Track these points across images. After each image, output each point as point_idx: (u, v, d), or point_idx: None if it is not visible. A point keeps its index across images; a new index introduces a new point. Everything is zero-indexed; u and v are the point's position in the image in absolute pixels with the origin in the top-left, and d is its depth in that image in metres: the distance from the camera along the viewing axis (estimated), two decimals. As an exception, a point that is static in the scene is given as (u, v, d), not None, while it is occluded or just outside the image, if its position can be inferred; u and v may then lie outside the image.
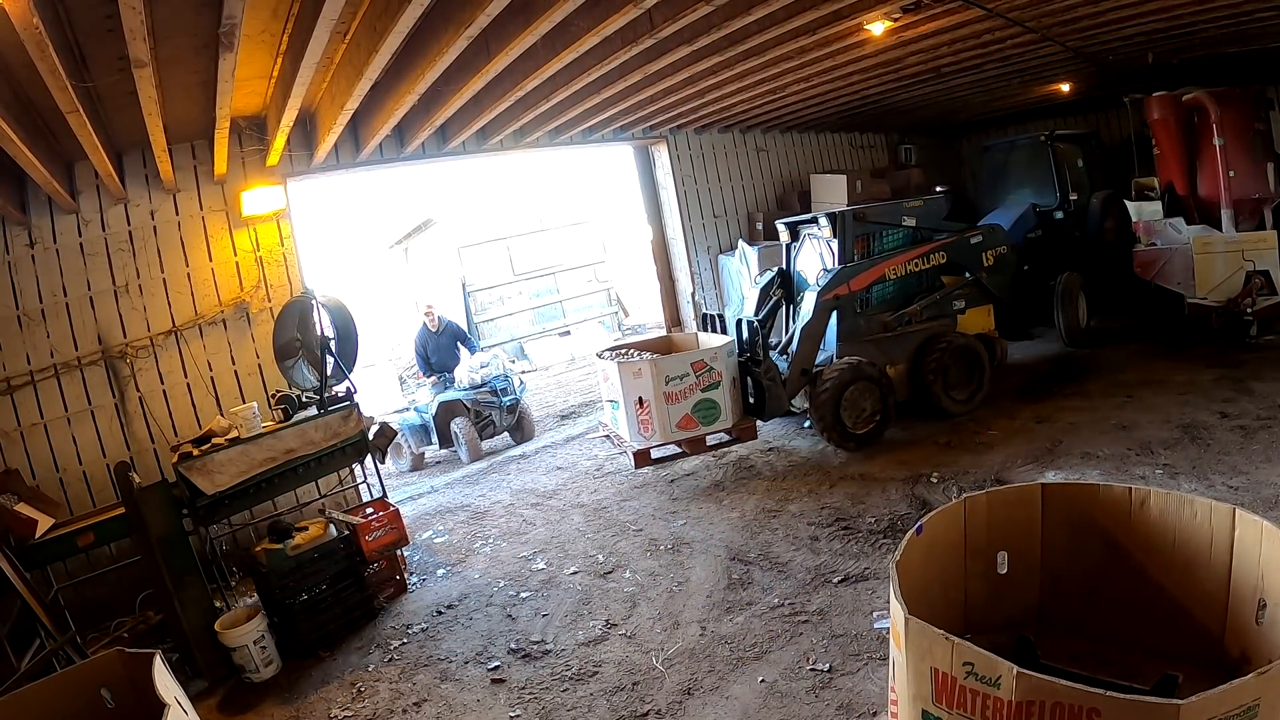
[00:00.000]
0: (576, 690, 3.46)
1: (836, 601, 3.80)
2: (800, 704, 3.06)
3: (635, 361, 5.78)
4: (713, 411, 5.69)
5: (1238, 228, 7.16)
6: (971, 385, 6.40)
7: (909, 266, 6.41)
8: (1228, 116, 7.20)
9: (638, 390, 5.62)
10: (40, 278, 5.20)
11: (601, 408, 6.76)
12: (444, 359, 8.00)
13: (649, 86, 5.90)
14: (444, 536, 5.77)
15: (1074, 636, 2.37)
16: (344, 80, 4.54)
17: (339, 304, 5.05)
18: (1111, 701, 1.45)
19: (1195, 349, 6.90)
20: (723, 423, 5.73)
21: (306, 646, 4.23)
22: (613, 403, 6.03)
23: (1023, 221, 8.41)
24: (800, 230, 6.83)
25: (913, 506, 4.73)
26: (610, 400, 6.10)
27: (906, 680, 1.80)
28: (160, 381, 5.56)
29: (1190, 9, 5.80)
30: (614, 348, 6.56)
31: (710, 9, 4.24)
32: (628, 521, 5.34)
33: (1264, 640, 1.91)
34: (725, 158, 9.02)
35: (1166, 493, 2.20)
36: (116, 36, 3.07)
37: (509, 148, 7.16)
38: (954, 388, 6.30)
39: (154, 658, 2.35)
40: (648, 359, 5.75)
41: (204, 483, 4.09)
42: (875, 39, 5.51)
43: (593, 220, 15.84)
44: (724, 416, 5.72)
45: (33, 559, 4.00)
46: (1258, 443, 4.69)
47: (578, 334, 14.74)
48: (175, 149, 5.36)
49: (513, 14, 3.86)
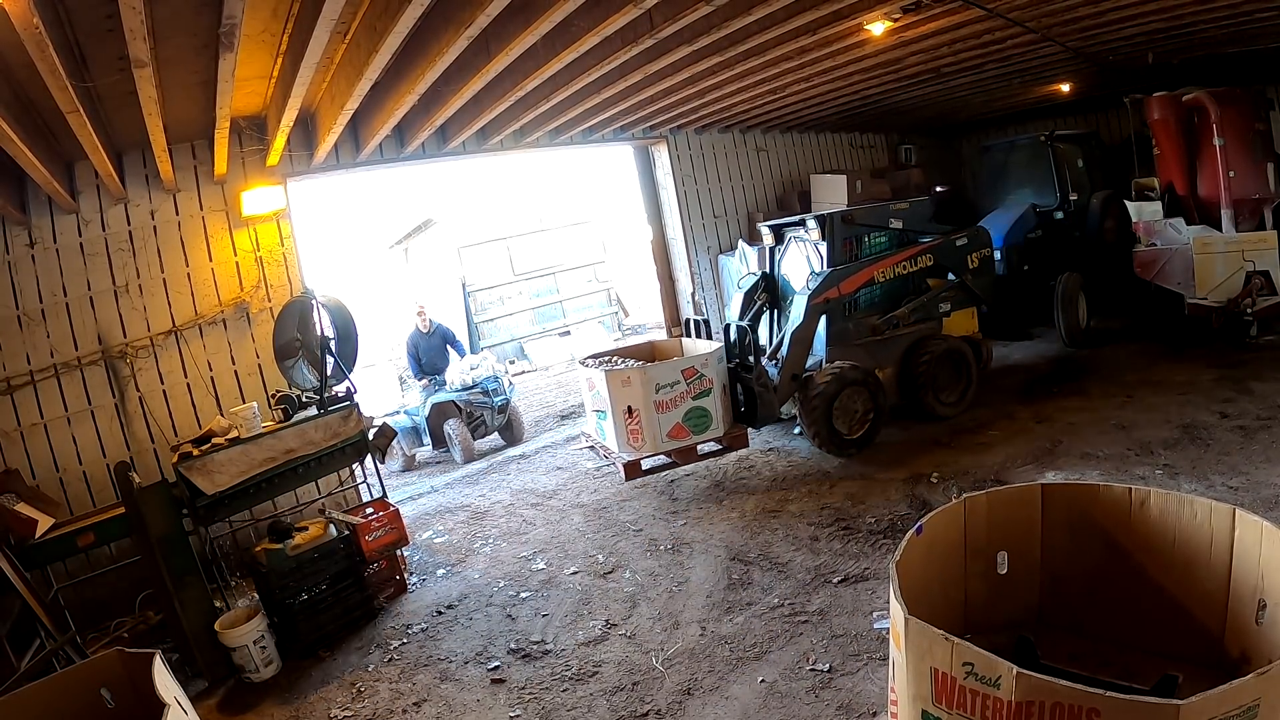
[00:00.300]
0: (576, 690, 3.46)
1: (836, 601, 3.80)
2: (800, 704, 3.06)
3: (624, 369, 5.59)
4: (704, 420, 5.55)
5: (1238, 228, 7.16)
6: (960, 388, 6.39)
7: (897, 269, 6.35)
8: (1228, 116, 7.19)
9: (626, 399, 5.44)
10: (40, 278, 5.20)
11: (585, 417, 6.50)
12: (434, 360, 8.09)
13: (649, 86, 5.89)
14: (444, 536, 5.77)
15: (1074, 636, 2.37)
16: (344, 80, 4.54)
17: (339, 304, 5.05)
18: (1111, 701, 1.45)
19: (1195, 349, 6.90)
20: (714, 431, 5.62)
21: (306, 646, 4.23)
22: (599, 413, 5.80)
23: (1023, 222, 8.42)
24: (785, 233, 6.74)
25: (913, 506, 4.73)
26: (596, 410, 5.86)
27: (906, 680, 1.80)
28: (160, 381, 5.56)
29: (1190, 9, 5.80)
30: (597, 355, 6.43)
31: (710, 9, 4.24)
32: (628, 521, 5.34)
33: (1264, 640, 1.91)
34: (725, 158, 9.02)
35: (1166, 493, 2.20)
36: (116, 36, 3.07)
37: (509, 148, 7.16)
38: (943, 390, 6.29)
39: (154, 658, 2.36)
40: (637, 366, 5.60)
41: (204, 483, 4.09)
42: (875, 39, 5.51)
43: (593, 220, 15.83)
44: (715, 425, 5.60)
45: (33, 559, 4.00)
46: (1258, 443, 4.70)
47: (578, 334, 14.73)
48: (175, 149, 5.36)
49: (513, 14, 3.85)
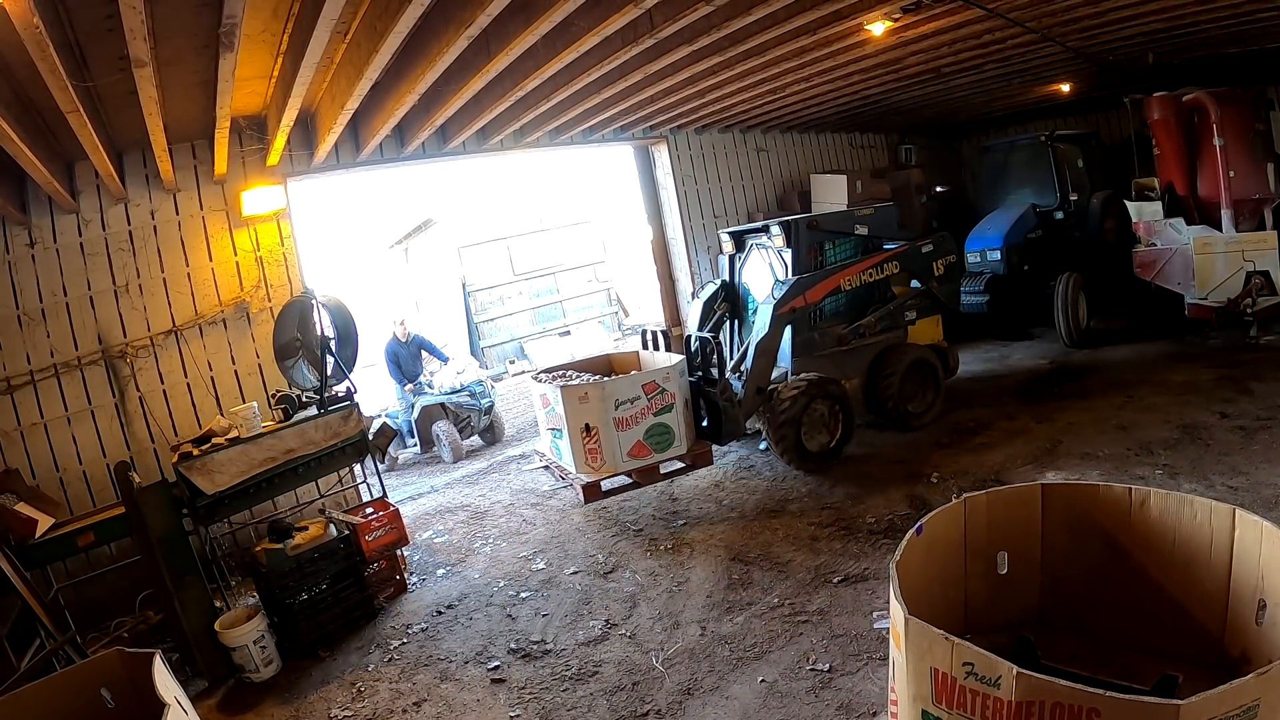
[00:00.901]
0: (576, 690, 3.46)
1: (836, 601, 3.80)
2: (800, 704, 3.06)
3: (581, 385, 5.26)
4: (666, 437, 5.26)
5: (1238, 228, 7.15)
6: (928, 398, 6.32)
7: (864, 277, 6.18)
8: (1228, 116, 7.19)
9: (584, 416, 5.11)
10: (40, 277, 5.20)
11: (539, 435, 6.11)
12: (412, 367, 8.51)
13: (649, 86, 5.89)
14: (444, 536, 5.77)
15: (1074, 636, 2.37)
16: (344, 80, 4.54)
17: (339, 304, 5.06)
18: (1111, 701, 1.45)
19: (1195, 349, 6.90)
20: (677, 449, 5.33)
21: (306, 646, 4.23)
22: (554, 431, 5.45)
23: (1023, 222, 8.42)
24: (746, 240, 6.54)
25: (913, 506, 4.73)
26: (552, 429, 5.51)
27: (906, 680, 1.80)
28: (160, 381, 5.56)
29: (1191, 9, 5.80)
30: (550, 369, 6.15)
31: (710, 9, 4.23)
32: (628, 521, 5.34)
33: (1264, 640, 1.91)
34: (725, 158, 9.02)
35: (1166, 493, 2.20)
36: (116, 36, 3.07)
37: (509, 148, 7.16)
38: (910, 400, 6.20)
39: (154, 658, 2.35)
40: (596, 381, 5.32)
41: (204, 482, 4.09)
42: (875, 39, 5.50)
43: (593, 220, 15.82)
44: (678, 442, 5.32)
45: (33, 559, 4.00)
46: (1257, 443, 4.70)
47: (578, 334, 14.72)
48: (175, 149, 5.36)
49: (513, 14, 3.85)
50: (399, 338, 8.39)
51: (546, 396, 5.46)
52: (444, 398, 8.15)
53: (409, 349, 8.47)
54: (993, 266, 8.29)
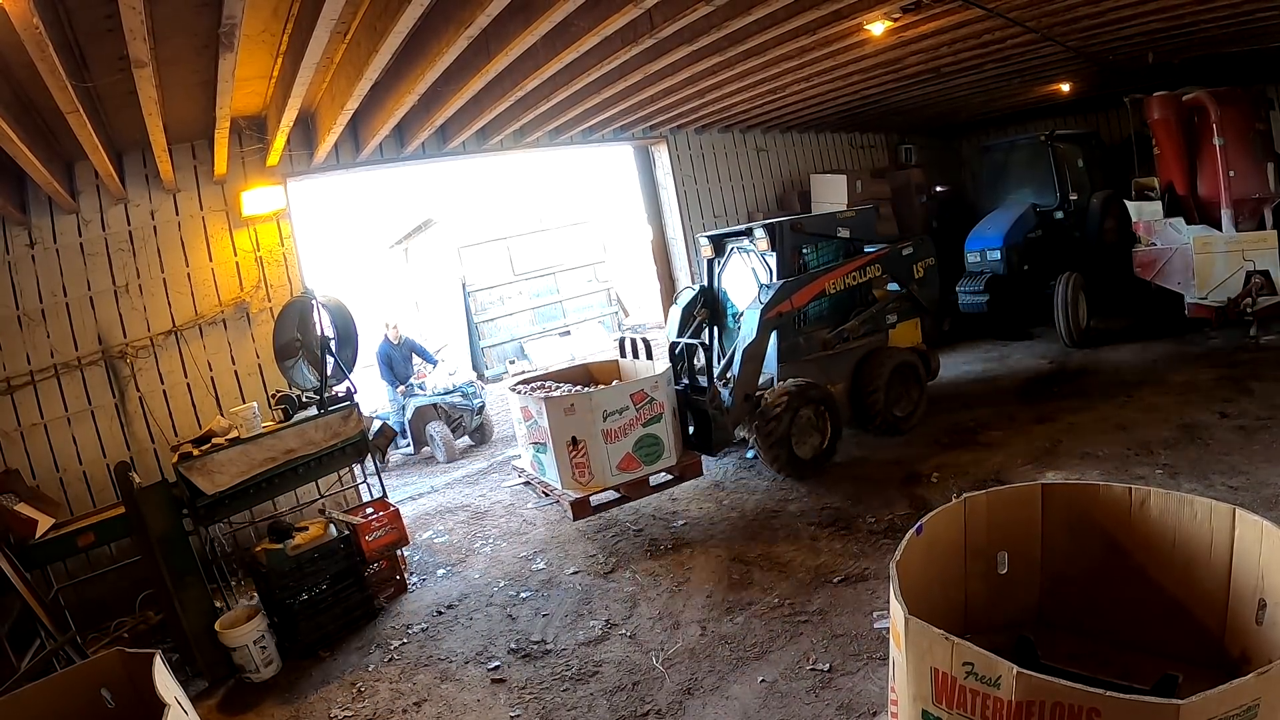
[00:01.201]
0: (577, 690, 3.46)
1: (836, 601, 3.80)
2: (800, 704, 3.06)
3: (566, 396, 5.02)
4: (656, 448, 5.04)
5: (1238, 228, 7.15)
6: (912, 401, 6.30)
7: (847, 280, 6.11)
8: (1228, 116, 7.18)
9: (570, 429, 4.84)
10: (40, 278, 5.20)
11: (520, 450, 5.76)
12: (403, 369, 8.63)
13: (649, 86, 5.89)
14: (444, 536, 5.77)
15: (1074, 636, 2.36)
16: (344, 80, 4.54)
17: (339, 304, 5.05)
18: (1111, 701, 1.45)
19: (1195, 349, 6.90)
20: (667, 460, 5.12)
21: (306, 646, 4.23)
22: (537, 445, 5.15)
23: (1023, 222, 8.42)
24: (726, 244, 6.42)
25: (913, 506, 4.73)
26: (535, 443, 5.20)
27: (906, 680, 1.80)
28: (160, 381, 5.56)
29: (1191, 9, 5.80)
30: (528, 380, 5.87)
31: (710, 9, 4.24)
32: (628, 521, 5.34)
33: (1264, 640, 1.90)
34: (725, 158, 9.02)
35: (1166, 493, 2.20)
36: (116, 36, 3.07)
37: (509, 148, 7.16)
38: (895, 404, 6.16)
39: (154, 658, 2.35)
40: (582, 392, 5.09)
41: (204, 483, 4.09)
42: (875, 39, 5.50)
43: (593, 220, 15.82)
44: (668, 453, 5.11)
45: (33, 559, 4.00)
46: (1257, 443, 4.70)
47: (578, 334, 14.73)
48: (175, 149, 5.36)
49: (513, 14, 3.85)
50: (391, 340, 8.51)
51: (528, 409, 5.16)
52: (437, 398, 8.29)
53: (401, 351, 8.61)
54: (992, 266, 8.29)
